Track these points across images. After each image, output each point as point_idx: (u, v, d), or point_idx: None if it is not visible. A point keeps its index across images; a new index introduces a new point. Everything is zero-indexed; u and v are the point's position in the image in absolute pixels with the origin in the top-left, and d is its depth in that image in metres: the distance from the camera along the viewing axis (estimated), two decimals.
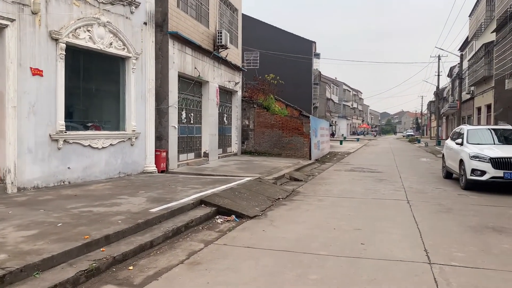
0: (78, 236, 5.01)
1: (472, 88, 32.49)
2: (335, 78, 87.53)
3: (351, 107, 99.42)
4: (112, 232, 5.25)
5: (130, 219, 5.95)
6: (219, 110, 17.31)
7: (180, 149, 13.77)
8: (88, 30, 9.52)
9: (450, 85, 50.70)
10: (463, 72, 27.24)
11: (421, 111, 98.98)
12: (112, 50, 10.27)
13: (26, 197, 7.56)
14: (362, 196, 10.04)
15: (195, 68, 14.10)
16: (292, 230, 6.61)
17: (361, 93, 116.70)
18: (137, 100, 11.18)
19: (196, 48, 14.08)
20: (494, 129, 12.72)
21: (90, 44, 9.63)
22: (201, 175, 11.68)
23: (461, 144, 12.02)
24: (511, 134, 12.55)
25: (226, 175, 11.78)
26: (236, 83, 18.62)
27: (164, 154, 12.08)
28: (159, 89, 12.24)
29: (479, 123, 31.69)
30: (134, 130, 11.04)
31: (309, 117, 20.11)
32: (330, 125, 40.94)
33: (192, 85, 14.37)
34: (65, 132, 8.99)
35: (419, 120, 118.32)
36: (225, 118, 18.47)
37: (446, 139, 53.58)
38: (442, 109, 49.87)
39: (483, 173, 10.55)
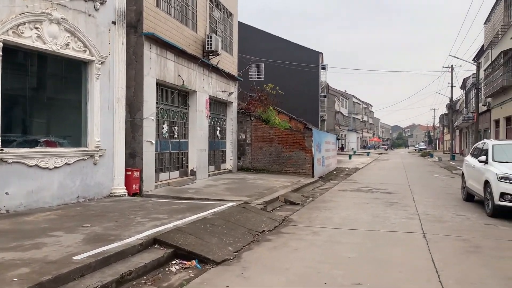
0: None
1: (488, 99, 30.45)
2: (345, 91, 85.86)
3: (361, 120, 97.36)
4: None
5: (34, 275, 4.24)
6: (210, 123, 15.67)
7: (160, 167, 12.09)
8: (36, 28, 7.96)
9: (464, 97, 48.57)
10: (479, 82, 25.31)
11: (433, 124, 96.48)
12: (69, 52, 8.69)
13: None
14: (367, 226, 8.21)
15: (179, 75, 12.50)
16: (267, 286, 4.85)
17: (372, 106, 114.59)
18: (102, 111, 9.56)
19: (180, 53, 12.50)
20: None
21: (39, 44, 8.06)
22: (178, 199, 9.95)
23: (486, 162, 10.14)
24: None
25: (208, 199, 10.04)
26: (230, 93, 16.99)
27: (137, 173, 10.41)
28: (133, 99, 10.63)
29: (497, 137, 29.58)
30: (97, 147, 9.39)
31: (311, 130, 18.36)
32: (338, 139, 39.08)
33: (175, 95, 12.75)
34: (0, 150, 7.36)
35: (431, 134, 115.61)
36: (218, 132, 16.80)
37: (460, 153, 51.24)
38: (456, 122, 47.66)
39: None
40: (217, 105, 16.86)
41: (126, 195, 10.04)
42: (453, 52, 51.47)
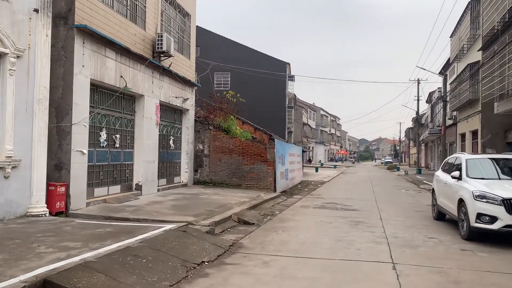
0: None
1: (454, 113, 30.32)
2: (313, 103, 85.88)
3: (328, 132, 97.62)
4: None
5: None
6: (161, 132, 14.20)
7: (96, 181, 10.51)
8: None
9: (430, 110, 48.96)
10: (446, 95, 24.97)
11: (400, 138, 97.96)
12: None
13: None
14: (328, 254, 6.97)
15: (121, 76, 11.02)
16: None
17: (339, 118, 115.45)
18: (18, 114, 7.98)
19: (123, 51, 11.05)
20: (495, 159, 9.96)
21: None
22: (109, 220, 8.43)
23: (459, 178, 9.17)
24: None
25: (146, 219, 8.56)
26: (185, 100, 15.57)
27: (62, 188, 8.81)
28: (60, 101, 9.08)
29: (463, 151, 29.40)
30: (9, 157, 7.78)
31: (274, 141, 17.16)
32: (304, 151, 38.18)
33: (117, 98, 11.26)
34: None
35: (397, 147, 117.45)
36: (171, 142, 15.33)
37: (426, 167, 51.49)
38: (422, 136, 47.86)
39: (493, 219, 7.65)
40: (171, 112, 15.41)
41: (47, 214, 8.44)
42: (421, 65, 51.37)
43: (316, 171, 39.19)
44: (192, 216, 9.10)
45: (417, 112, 43.51)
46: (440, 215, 10.67)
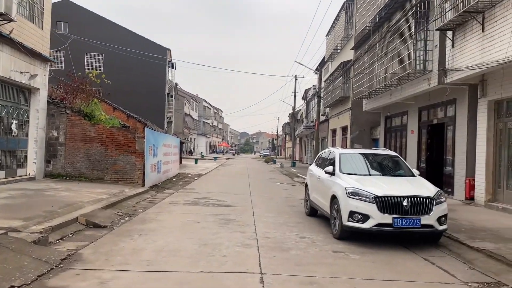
0: None
1: (327, 109, 31.84)
2: (196, 94, 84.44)
3: (211, 125, 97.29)
4: None
5: None
6: (0, 113, 11.54)
7: None
8: None
9: (305, 106, 51.29)
10: (321, 91, 25.81)
11: (277, 132, 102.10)
12: None
13: None
14: (188, 265, 5.81)
15: None
16: None
17: (222, 111, 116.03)
18: None
19: None
20: (365, 154, 9.89)
21: None
22: None
23: (333, 173, 8.79)
24: (384, 160, 9.87)
25: None
26: (32, 76, 12.97)
27: None
28: None
29: (333, 146, 31.02)
30: None
31: (144, 129, 15.45)
32: (182, 142, 36.72)
33: None
34: None
35: (275, 141, 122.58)
36: (14, 126, 12.65)
37: (300, 160, 54.03)
38: (297, 131, 49.94)
39: (365, 218, 7.30)
40: (14, 91, 12.70)
41: None
42: (299, 62, 53.15)
43: (196, 163, 38.09)
44: (22, 219, 7.16)
45: (294, 108, 45.14)
46: (313, 211, 10.32)
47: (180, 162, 34.70)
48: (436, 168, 15.09)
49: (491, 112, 11.72)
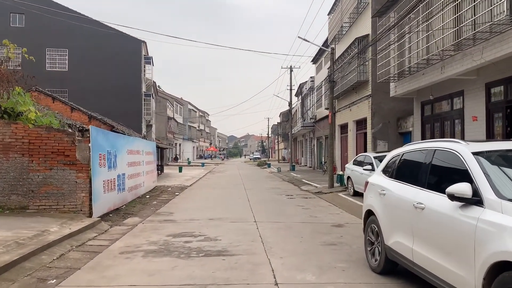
0: None
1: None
2: (181, 98, 79.03)
3: (197, 129, 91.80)
4: None
5: None
6: None
7: None
8: None
9: (300, 104, 46.35)
10: (333, 74, 20.55)
11: (268, 134, 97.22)
12: None
13: None
14: None
15: None
16: None
17: (208, 114, 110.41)
18: None
19: None
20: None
21: None
22: None
23: (477, 201, 3.74)
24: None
25: None
26: None
27: None
28: None
29: (343, 145, 26.07)
30: None
31: (88, 130, 10.27)
32: (161, 148, 31.42)
33: None
34: None
35: (264, 143, 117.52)
36: None
37: (296, 162, 48.65)
38: (293, 130, 44.87)
39: None
40: None
41: None
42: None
43: (180, 171, 32.78)
44: None
45: (290, 103, 40.10)
46: (390, 265, 5.30)
47: (161, 171, 29.45)
48: None
49: None
